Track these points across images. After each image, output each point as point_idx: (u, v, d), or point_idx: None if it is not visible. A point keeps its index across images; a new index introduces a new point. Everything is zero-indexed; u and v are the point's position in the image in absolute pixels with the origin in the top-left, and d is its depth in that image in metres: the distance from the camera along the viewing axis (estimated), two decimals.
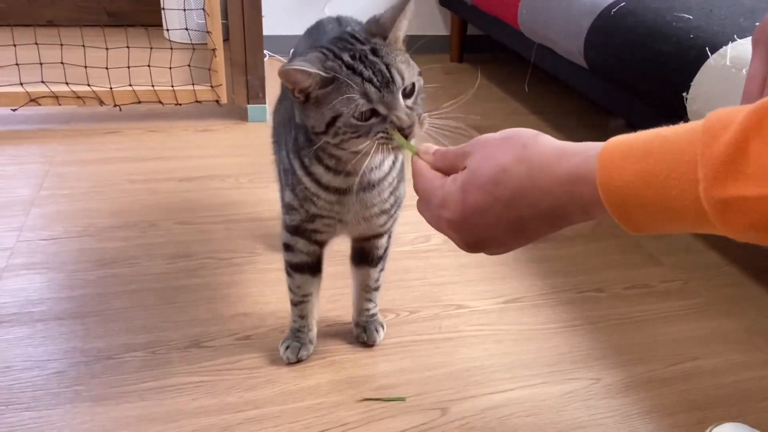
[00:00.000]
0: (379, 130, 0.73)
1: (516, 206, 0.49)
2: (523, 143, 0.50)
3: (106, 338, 1.07)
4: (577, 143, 0.47)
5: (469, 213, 0.51)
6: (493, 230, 0.51)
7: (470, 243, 0.54)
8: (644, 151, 0.41)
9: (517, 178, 0.48)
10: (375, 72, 0.73)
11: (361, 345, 1.09)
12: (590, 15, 1.56)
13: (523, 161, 0.48)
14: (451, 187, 0.53)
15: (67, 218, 1.42)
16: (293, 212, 0.93)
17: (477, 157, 0.52)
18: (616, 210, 0.43)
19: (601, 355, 1.10)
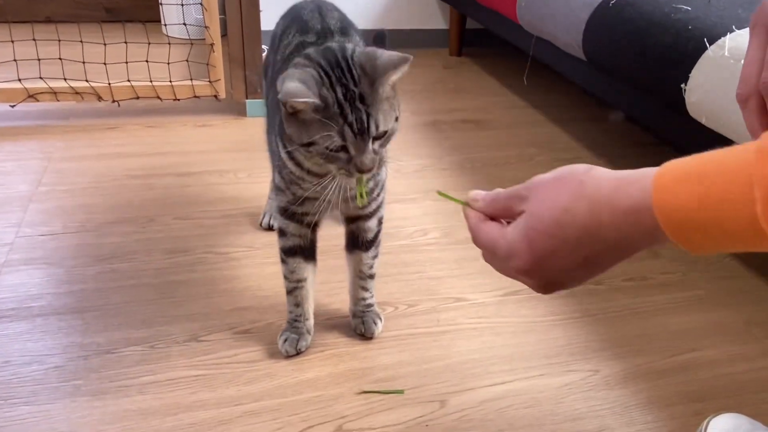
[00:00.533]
0: (342, 166, 0.83)
1: (584, 245, 0.49)
2: (578, 180, 0.50)
3: (105, 333, 1.07)
4: (631, 171, 0.47)
5: (538, 259, 0.52)
6: (566, 271, 0.52)
7: (545, 285, 0.54)
8: (699, 174, 0.42)
9: (580, 217, 0.48)
10: (357, 119, 0.79)
11: (359, 337, 1.09)
12: (588, 7, 1.56)
13: (582, 198, 0.48)
14: (514, 236, 0.53)
15: (66, 214, 1.42)
16: (281, 194, 0.96)
17: (534, 200, 0.52)
18: (675, 233, 0.43)
19: (599, 346, 1.10)
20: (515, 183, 0.56)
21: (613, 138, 2.02)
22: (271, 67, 1.12)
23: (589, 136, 1.99)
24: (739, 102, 0.56)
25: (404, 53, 0.82)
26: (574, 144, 1.94)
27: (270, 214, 1.40)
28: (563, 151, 1.88)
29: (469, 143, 1.90)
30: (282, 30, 1.10)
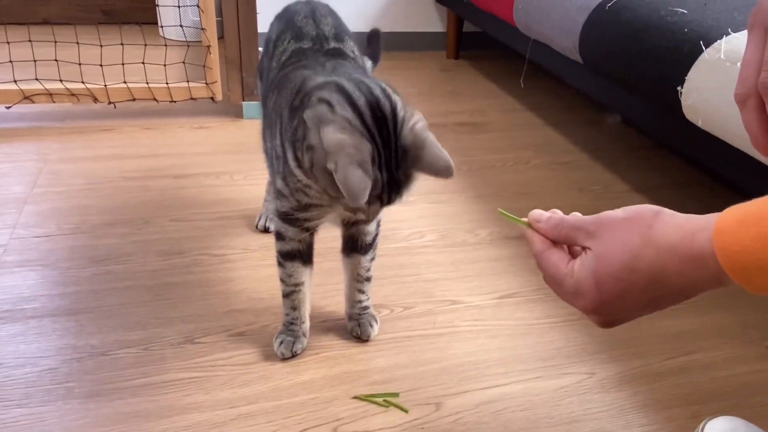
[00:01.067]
0: (348, 208, 0.86)
1: (651, 290, 0.51)
2: (647, 224, 0.51)
3: (99, 335, 1.07)
4: (697, 218, 0.49)
5: (606, 301, 0.53)
6: (631, 311, 0.54)
7: (607, 322, 0.56)
8: (758, 216, 0.43)
9: (648, 263, 0.50)
10: (387, 193, 0.80)
11: (355, 340, 1.09)
12: (585, 10, 1.56)
13: (650, 245, 0.50)
14: (582, 275, 0.54)
15: (61, 215, 1.42)
16: (283, 200, 0.94)
17: (602, 240, 0.53)
18: (737, 274, 0.44)
19: (595, 349, 1.10)
20: (512, 186, 0.56)
21: (610, 141, 2.02)
22: (266, 72, 1.11)
23: (586, 139, 2.00)
24: (738, 102, 0.56)
25: (446, 161, 0.81)
26: (571, 147, 1.94)
27: (266, 216, 1.39)
28: (560, 154, 1.88)
29: (466, 146, 1.90)
30: (276, 35, 1.09)
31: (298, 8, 1.12)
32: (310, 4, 1.14)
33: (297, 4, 1.15)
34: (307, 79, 0.88)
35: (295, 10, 1.12)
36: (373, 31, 0.97)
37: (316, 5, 1.14)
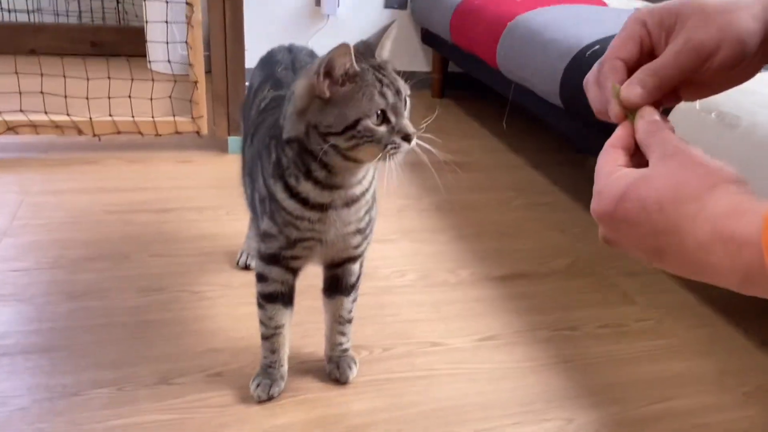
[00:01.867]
0: (388, 141, 0.82)
1: (663, 240, 0.46)
2: (712, 183, 0.45)
3: (73, 374, 1.05)
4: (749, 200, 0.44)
5: (615, 217, 0.48)
6: (635, 244, 0.49)
7: (608, 240, 0.51)
8: None
9: (681, 216, 0.45)
10: (390, 80, 0.82)
11: (333, 382, 1.08)
12: (566, 56, 1.60)
13: (698, 201, 0.45)
14: (617, 181, 0.49)
15: (40, 249, 1.40)
16: (270, 240, 0.94)
17: (666, 165, 0.48)
18: None
19: (575, 394, 1.10)
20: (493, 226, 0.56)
21: (589, 183, 2.04)
22: (246, 119, 1.13)
23: (566, 181, 2.02)
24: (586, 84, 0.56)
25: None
26: (552, 188, 1.97)
27: (248, 253, 1.39)
28: (541, 195, 1.91)
29: (449, 185, 1.92)
30: (257, 85, 1.12)
31: (280, 58, 1.15)
32: (292, 52, 1.17)
33: (279, 52, 1.18)
34: (280, 116, 0.90)
35: (276, 60, 1.15)
36: None
37: (297, 53, 1.17)
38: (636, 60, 0.54)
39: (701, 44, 0.50)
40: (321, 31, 2.72)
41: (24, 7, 2.75)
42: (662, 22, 0.53)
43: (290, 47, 1.20)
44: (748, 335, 1.30)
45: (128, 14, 2.93)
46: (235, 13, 1.90)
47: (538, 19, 1.83)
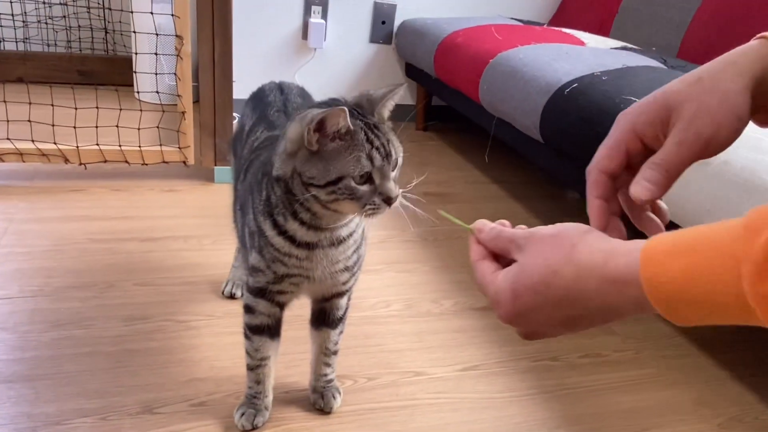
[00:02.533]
0: (368, 201, 0.82)
1: (566, 307, 0.51)
2: (572, 243, 0.51)
3: (56, 403, 1.05)
4: (622, 242, 0.49)
5: (520, 312, 0.53)
6: (546, 326, 0.53)
7: (524, 334, 0.56)
8: (687, 249, 0.43)
9: (566, 280, 0.50)
10: (381, 143, 0.82)
11: (317, 412, 1.09)
12: (545, 93, 1.66)
13: (571, 263, 0.50)
14: (502, 285, 0.55)
15: (24, 277, 1.40)
16: (258, 274, 0.95)
17: (528, 253, 0.54)
18: (662, 306, 0.44)
19: (555, 424, 1.12)
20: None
21: (569, 215, 2.10)
22: (238, 156, 1.15)
23: (546, 213, 2.07)
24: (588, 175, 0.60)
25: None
26: (533, 220, 2.01)
27: (233, 282, 1.40)
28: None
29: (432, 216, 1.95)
30: (250, 127, 1.14)
31: (272, 99, 1.17)
32: (284, 93, 1.19)
33: (271, 92, 1.20)
34: (273, 153, 0.92)
35: (268, 101, 1.16)
36: None
37: (288, 94, 1.19)
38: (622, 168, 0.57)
39: (700, 133, 0.52)
40: (307, 65, 2.77)
41: (12, 36, 2.77)
42: (654, 121, 0.55)
43: (281, 86, 1.22)
44: (721, 366, 1.33)
45: (116, 44, 2.96)
46: (224, 45, 1.94)
47: (519, 57, 1.89)
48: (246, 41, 2.65)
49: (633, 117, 0.56)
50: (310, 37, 2.70)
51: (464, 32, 2.31)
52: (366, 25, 2.81)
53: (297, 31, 2.73)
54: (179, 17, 1.87)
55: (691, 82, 0.54)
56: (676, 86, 0.55)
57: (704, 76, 0.54)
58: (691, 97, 0.53)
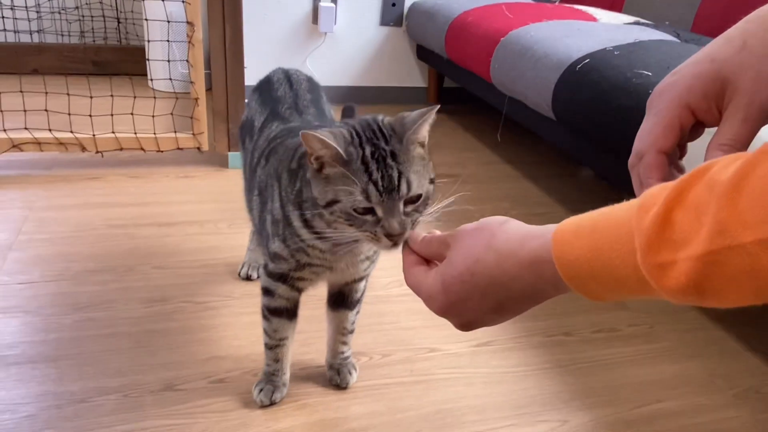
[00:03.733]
0: (368, 229, 0.75)
1: (492, 292, 0.53)
2: (491, 232, 0.54)
3: (79, 382, 1.08)
4: (537, 227, 0.52)
5: (452, 303, 0.56)
6: (478, 314, 0.56)
7: (461, 324, 0.59)
8: (591, 228, 0.46)
9: (488, 267, 0.53)
10: (384, 176, 0.74)
11: (333, 387, 1.10)
12: (557, 70, 1.65)
13: (491, 250, 0.53)
14: (433, 280, 0.58)
15: (45, 262, 1.43)
16: (280, 261, 0.95)
17: (454, 248, 0.57)
18: (573, 282, 0.47)
19: (569, 397, 1.13)
20: None
21: (583, 193, 2.09)
22: (250, 149, 1.13)
23: (560, 192, 2.06)
24: (630, 169, 0.59)
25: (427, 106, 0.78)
26: (547, 199, 2.00)
27: (249, 265, 1.42)
28: (536, 206, 1.94)
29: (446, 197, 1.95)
30: (261, 123, 1.12)
31: (281, 94, 1.14)
32: (293, 87, 1.16)
33: (279, 85, 1.17)
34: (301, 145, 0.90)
35: (278, 96, 1.14)
36: (348, 107, 1.01)
37: (297, 89, 1.16)
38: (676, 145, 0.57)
39: (764, 105, 0.52)
40: (318, 49, 2.77)
41: (27, 28, 2.80)
42: (707, 94, 0.54)
43: (289, 77, 1.19)
44: (738, 339, 1.33)
45: (129, 33, 2.98)
46: (235, 31, 1.95)
47: (530, 34, 1.88)
48: (257, 27, 2.66)
49: (682, 91, 0.55)
50: (320, 21, 2.70)
51: (475, 12, 2.30)
52: (376, 7, 2.81)
53: (307, 16, 2.73)
54: (190, 4, 1.88)
55: (738, 49, 0.53)
56: (723, 54, 0.54)
57: (748, 41, 0.53)
58: (745, 67, 0.53)
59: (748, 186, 0.36)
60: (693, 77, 0.55)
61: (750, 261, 0.35)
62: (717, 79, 0.54)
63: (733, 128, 0.53)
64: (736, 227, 0.35)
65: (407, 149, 0.76)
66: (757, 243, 0.35)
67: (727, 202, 0.36)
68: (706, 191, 0.38)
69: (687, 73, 0.56)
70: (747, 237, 0.35)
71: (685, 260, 0.38)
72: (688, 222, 0.38)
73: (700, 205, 0.38)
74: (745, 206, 0.35)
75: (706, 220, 0.37)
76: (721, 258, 0.36)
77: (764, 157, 0.36)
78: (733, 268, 0.36)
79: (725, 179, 0.37)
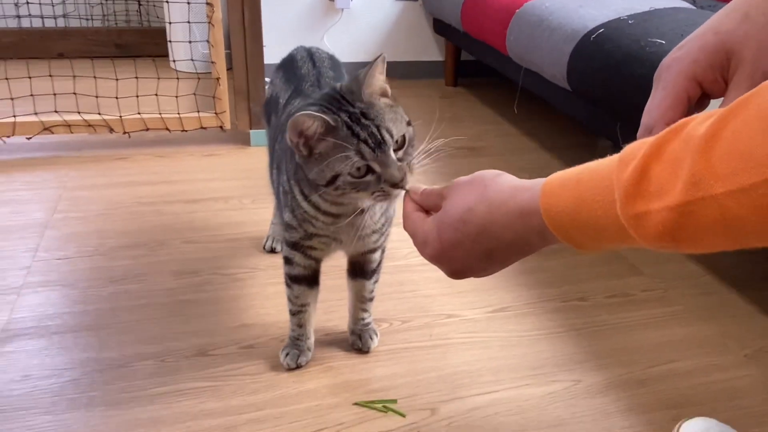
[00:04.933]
0: (375, 189, 0.80)
1: (482, 240, 0.57)
2: (485, 184, 0.58)
3: (118, 348, 1.15)
4: (528, 180, 0.55)
5: (445, 248, 0.60)
6: (468, 261, 0.59)
7: (452, 271, 0.63)
8: (576, 181, 0.49)
9: (480, 216, 0.56)
10: (369, 134, 0.79)
11: (356, 352, 1.16)
12: (572, 41, 1.66)
13: (484, 200, 0.57)
14: (429, 226, 0.62)
15: (80, 239, 1.51)
16: (292, 231, 1.01)
17: (450, 199, 0.61)
18: (559, 232, 0.50)
19: (582, 358, 1.17)
20: None
21: None
22: (272, 127, 1.19)
23: (578, 162, 2.04)
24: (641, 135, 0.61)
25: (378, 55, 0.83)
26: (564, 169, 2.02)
27: (273, 238, 1.48)
28: None
29: (464, 170, 1.96)
30: (285, 99, 1.16)
31: (304, 72, 1.17)
32: (316, 65, 1.19)
33: (303, 63, 1.20)
34: None
35: (301, 74, 1.17)
36: None
37: (320, 67, 1.19)
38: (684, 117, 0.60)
39: (767, 72, 0.54)
40: (335, 26, 2.80)
41: (51, 13, 2.86)
42: (713, 65, 0.56)
43: (312, 55, 1.22)
44: (751, 301, 1.36)
45: (150, 16, 3.03)
46: (253, 11, 1.99)
47: (545, 5, 1.88)
48: (275, 5, 2.69)
49: (689, 64, 0.57)
50: None
51: None
52: None
53: None
54: None
55: (740, 20, 0.55)
56: (726, 25, 0.56)
57: (751, 12, 0.55)
58: (748, 37, 0.54)
59: (721, 141, 0.39)
60: (698, 50, 0.57)
61: (721, 211, 0.39)
62: (721, 51, 0.56)
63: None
64: (709, 179, 0.39)
65: (372, 104, 0.82)
66: (728, 194, 0.38)
67: (701, 156, 0.39)
68: (682, 146, 0.41)
69: (693, 46, 0.58)
70: (719, 188, 0.38)
71: (661, 210, 0.42)
72: (665, 175, 0.42)
73: (676, 159, 0.41)
74: (717, 160, 0.39)
75: (682, 173, 0.40)
76: (694, 208, 0.40)
77: (736, 113, 0.39)
78: (705, 218, 0.40)
79: (700, 134, 0.40)
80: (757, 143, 0.37)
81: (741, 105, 0.39)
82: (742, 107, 0.39)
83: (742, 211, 0.38)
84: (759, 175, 0.36)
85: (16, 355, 1.12)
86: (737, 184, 0.37)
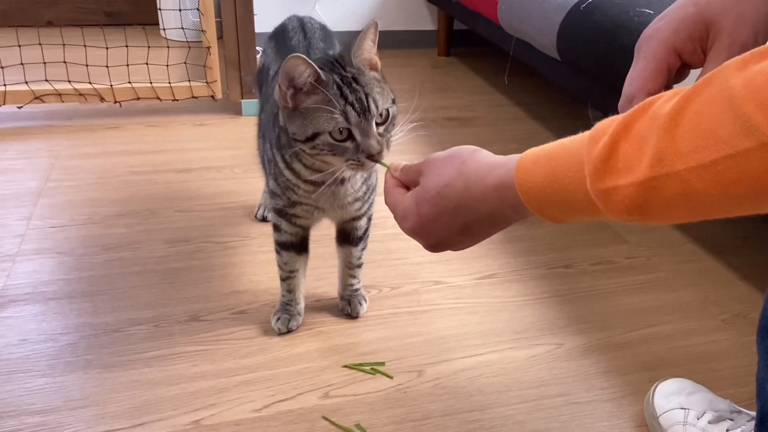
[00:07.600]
0: (350, 157, 0.83)
1: (459, 214, 0.59)
2: (462, 159, 0.59)
3: (113, 314, 1.18)
4: (504, 156, 0.57)
5: (423, 222, 0.62)
6: (446, 234, 0.61)
7: (430, 244, 0.65)
8: (548, 157, 0.51)
9: (457, 190, 0.58)
10: (357, 99, 0.82)
11: (345, 317, 1.19)
12: (561, 10, 1.66)
13: (461, 175, 0.58)
14: (408, 201, 0.63)
15: (73, 207, 1.52)
16: (276, 198, 1.04)
17: (427, 174, 0.63)
18: (533, 206, 0.52)
19: (565, 323, 1.21)
20: None
21: None
22: (263, 95, 1.20)
23: (568, 132, 2.07)
24: (621, 110, 0.63)
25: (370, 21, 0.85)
26: (553, 139, 2.03)
27: (264, 207, 1.50)
28: None
29: (454, 140, 2.00)
30: (275, 72, 1.14)
31: (294, 43, 1.18)
32: (307, 36, 1.20)
33: (294, 34, 1.21)
34: None
35: (292, 45, 1.18)
36: None
37: (311, 38, 1.20)
38: (664, 88, 0.60)
39: (744, 44, 0.56)
40: None
41: None
42: (693, 36, 0.58)
43: (303, 26, 1.23)
44: (731, 268, 1.39)
45: None
46: None
47: None
48: None
49: (669, 35, 0.58)
50: None
51: None
52: None
53: None
54: None
55: None
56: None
57: None
58: (727, 9, 0.56)
59: (684, 119, 0.41)
60: (678, 21, 0.58)
61: (684, 186, 0.41)
62: (701, 22, 0.57)
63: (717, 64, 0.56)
64: (672, 156, 0.41)
65: (362, 72, 0.85)
66: (690, 170, 0.40)
67: (665, 134, 0.41)
68: (648, 123, 0.43)
69: (673, 17, 0.59)
70: (681, 165, 0.40)
71: (628, 186, 0.44)
72: (632, 151, 0.44)
73: (643, 137, 0.43)
74: (680, 137, 0.41)
75: (647, 150, 0.42)
76: (659, 184, 0.42)
77: (699, 92, 0.41)
78: (669, 193, 0.42)
79: (665, 113, 0.42)
80: (718, 121, 0.39)
81: (704, 84, 0.41)
82: (706, 86, 0.41)
83: (704, 186, 0.40)
84: (719, 152, 0.38)
85: (12, 320, 1.15)
86: (699, 161, 0.39)
